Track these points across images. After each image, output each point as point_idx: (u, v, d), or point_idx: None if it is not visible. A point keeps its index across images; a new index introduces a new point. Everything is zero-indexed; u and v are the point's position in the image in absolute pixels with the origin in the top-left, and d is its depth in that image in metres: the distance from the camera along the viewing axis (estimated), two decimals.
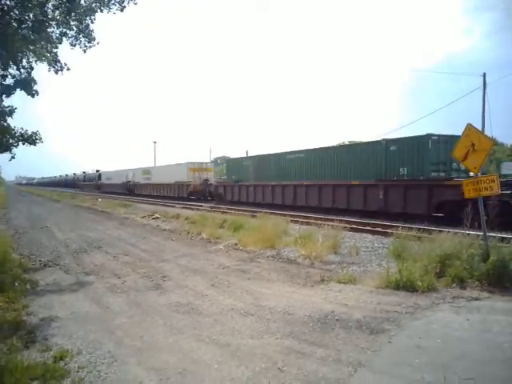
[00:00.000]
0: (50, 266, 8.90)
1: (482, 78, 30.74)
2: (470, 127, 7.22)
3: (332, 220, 11.83)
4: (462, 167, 13.85)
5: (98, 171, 73.92)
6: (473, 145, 7.05)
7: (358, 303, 5.65)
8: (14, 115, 8.71)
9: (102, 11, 8.36)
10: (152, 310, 5.71)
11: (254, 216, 14.98)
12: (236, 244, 10.68)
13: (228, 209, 19.80)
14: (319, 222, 12.86)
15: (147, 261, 9.24)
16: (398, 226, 11.18)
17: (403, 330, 4.62)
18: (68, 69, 9.15)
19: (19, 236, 13.61)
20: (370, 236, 11.41)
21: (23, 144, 8.76)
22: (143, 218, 19.15)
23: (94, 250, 10.77)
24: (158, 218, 18.68)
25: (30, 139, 8.77)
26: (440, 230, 8.40)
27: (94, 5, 8.24)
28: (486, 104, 30.36)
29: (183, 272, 8.01)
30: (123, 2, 8.48)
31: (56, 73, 9.04)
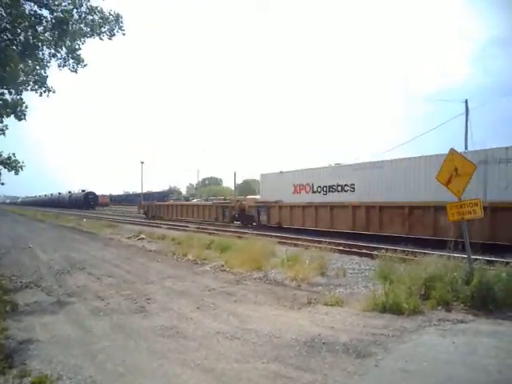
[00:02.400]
0: (31, 288, 8.67)
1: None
2: (452, 152, 7.38)
3: (320, 242, 11.85)
4: None
5: (83, 191, 72.96)
6: (456, 169, 7.21)
7: (344, 326, 5.62)
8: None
9: (93, 37, 8.72)
10: (136, 333, 5.58)
11: (240, 237, 14.94)
12: (223, 265, 10.58)
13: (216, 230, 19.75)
14: (306, 243, 12.90)
15: (131, 282, 9.07)
16: (384, 248, 11.25)
17: (390, 354, 4.60)
18: (54, 91, 9.22)
19: (0, 256, 13.26)
20: (356, 258, 11.42)
21: (5, 169, 8.74)
22: (129, 238, 18.91)
23: (77, 272, 10.54)
24: (143, 238, 18.46)
25: (11, 166, 8.74)
26: (425, 253, 8.48)
27: (85, 31, 8.56)
28: (468, 129, 31.26)
29: (168, 294, 7.88)
30: (113, 30, 9.10)
31: (40, 95, 9.12)
